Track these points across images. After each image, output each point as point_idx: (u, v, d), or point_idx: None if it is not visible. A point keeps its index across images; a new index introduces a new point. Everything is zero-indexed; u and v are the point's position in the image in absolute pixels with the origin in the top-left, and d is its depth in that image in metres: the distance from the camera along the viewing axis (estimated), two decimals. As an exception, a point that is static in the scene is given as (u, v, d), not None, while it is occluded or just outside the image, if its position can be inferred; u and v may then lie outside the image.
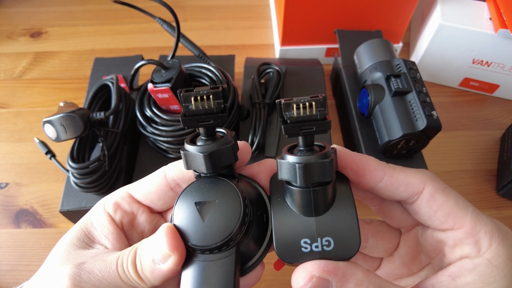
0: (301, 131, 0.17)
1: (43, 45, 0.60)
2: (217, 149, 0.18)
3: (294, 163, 0.17)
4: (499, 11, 0.45)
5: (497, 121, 0.50)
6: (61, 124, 0.35)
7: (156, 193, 0.22)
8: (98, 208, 0.22)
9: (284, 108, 0.17)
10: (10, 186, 0.46)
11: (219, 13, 0.65)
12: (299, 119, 0.17)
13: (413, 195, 0.20)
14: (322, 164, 0.17)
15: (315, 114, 0.17)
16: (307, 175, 0.17)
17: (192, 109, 0.18)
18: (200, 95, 0.18)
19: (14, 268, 0.40)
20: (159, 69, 0.38)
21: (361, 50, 0.45)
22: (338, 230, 0.18)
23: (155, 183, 0.22)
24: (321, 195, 0.18)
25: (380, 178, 0.20)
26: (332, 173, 0.17)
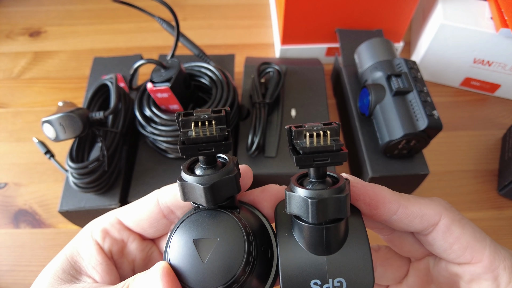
0: (315, 162, 0.16)
1: (42, 44, 0.60)
2: (219, 180, 0.17)
3: (306, 197, 0.16)
4: (500, 11, 0.45)
5: (498, 121, 0.50)
6: (60, 124, 0.34)
7: (148, 221, 0.20)
8: (85, 235, 0.20)
9: (295, 135, 0.16)
10: (9, 186, 0.45)
11: (218, 12, 0.64)
12: (312, 149, 0.15)
13: (428, 227, 0.19)
14: (337, 199, 0.16)
15: (330, 145, 0.15)
16: (320, 211, 0.16)
17: (192, 137, 0.16)
18: (201, 120, 0.16)
19: (13, 268, 0.40)
20: (158, 68, 0.38)
21: (362, 49, 0.44)
22: (351, 270, 0.17)
23: (147, 209, 0.20)
24: (334, 233, 0.17)
25: (394, 211, 0.19)
26: (348, 209, 0.16)
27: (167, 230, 0.21)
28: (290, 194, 0.16)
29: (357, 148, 0.41)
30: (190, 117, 0.16)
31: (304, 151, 0.16)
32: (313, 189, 0.16)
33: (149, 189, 0.38)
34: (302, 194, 0.16)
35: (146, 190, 0.39)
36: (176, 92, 0.37)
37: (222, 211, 0.18)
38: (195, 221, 0.18)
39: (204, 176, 0.17)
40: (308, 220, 0.16)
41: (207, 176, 0.17)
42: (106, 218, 0.21)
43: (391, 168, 0.38)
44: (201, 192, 0.17)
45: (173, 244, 0.17)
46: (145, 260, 0.22)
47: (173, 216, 0.20)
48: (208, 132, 0.16)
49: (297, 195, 0.16)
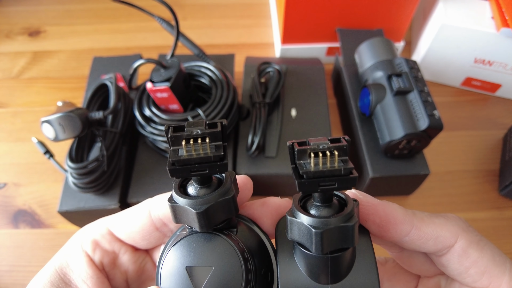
0: (320, 188, 0.14)
1: (42, 44, 0.60)
2: (214, 203, 0.15)
3: (309, 226, 0.14)
4: (501, 10, 0.45)
5: (499, 121, 0.50)
6: (60, 124, 0.34)
7: (140, 233, 0.19)
8: (74, 246, 0.19)
9: (297, 155, 0.14)
10: (8, 186, 0.45)
11: (218, 11, 0.64)
12: (317, 174, 0.13)
13: (442, 249, 0.18)
14: (344, 228, 0.14)
15: (338, 168, 0.13)
16: (325, 242, 0.14)
17: (183, 157, 0.14)
18: (193, 136, 0.14)
19: (12, 269, 0.40)
20: (158, 68, 0.37)
21: (362, 49, 0.44)
22: None
23: (139, 222, 0.19)
24: (339, 262, 0.15)
25: (406, 232, 0.17)
26: (356, 238, 0.14)
27: (160, 242, 0.20)
28: (291, 220, 0.15)
29: (358, 148, 0.41)
30: (181, 133, 0.14)
31: (308, 175, 0.14)
32: (317, 216, 0.14)
33: (148, 189, 0.38)
34: (305, 222, 0.14)
35: (145, 190, 0.38)
36: (176, 91, 0.37)
37: (217, 234, 0.16)
38: (188, 245, 0.16)
39: (197, 199, 0.15)
40: (312, 250, 0.14)
41: (200, 199, 0.15)
42: (96, 228, 0.20)
43: (391, 168, 0.38)
44: (194, 217, 0.15)
45: (165, 269, 0.16)
46: (138, 271, 0.21)
47: (166, 228, 0.19)
48: (202, 151, 0.14)
49: (299, 221, 0.14)
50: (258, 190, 0.42)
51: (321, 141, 0.14)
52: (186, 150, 0.14)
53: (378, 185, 0.39)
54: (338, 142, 0.14)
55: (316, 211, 0.15)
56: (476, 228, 0.19)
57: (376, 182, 0.39)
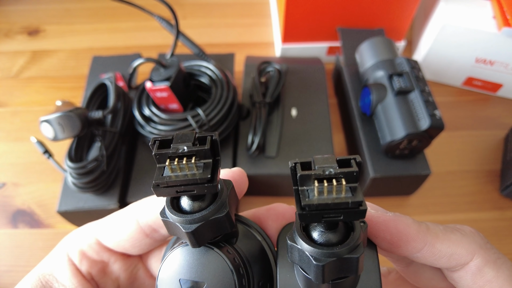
0: (324, 219, 0.12)
1: (41, 43, 0.60)
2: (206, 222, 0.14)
3: (310, 256, 0.13)
4: (502, 10, 0.45)
5: (501, 121, 0.50)
6: (59, 124, 0.34)
7: (129, 241, 0.19)
8: (59, 255, 0.19)
9: (300, 181, 0.12)
10: (7, 186, 0.45)
11: (218, 10, 0.64)
12: (321, 206, 0.12)
13: (456, 266, 0.17)
14: (349, 260, 0.13)
15: (346, 201, 0.12)
16: (326, 274, 0.13)
17: (167, 178, 0.13)
18: (179, 155, 0.13)
19: (11, 269, 0.39)
20: (157, 67, 0.37)
21: (363, 48, 0.44)
22: None
23: (127, 230, 0.18)
24: (341, 286, 0.14)
25: (418, 249, 0.16)
26: (360, 268, 0.13)
27: (153, 247, 0.20)
28: (292, 246, 0.13)
29: (358, 148, 0.41)
30: (166, 151, 0.13)
31: (310, 207, 0.12)
32: (320, 244, 0.13)
33: (148, 189, 0.38)
34: (306, 251, 0.13)
35: (145, 190, 0.38)
36: (176, 91, 0.36)
37: (211, 248, 0.15)
38: (182, 257, 0.15)
39: (188, 217, 0.14)
40: (312, 279, 0.13)
41: (190, 217, 0.14)
42: (83, 237, 0.19)
43: (392, 168, 0.38)
44: (184, 235, 0.14)
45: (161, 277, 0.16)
46: (131, 278, 0.21)
47: (157, 234, 0.19)
48: (188, 171, 0.13)
49: (300, 248, 0.13)
50: (258, 190, 0.42)
51: (328, 163, 0.12)
52: (171, 169, 0.13)
53: (379, 185, 0.39)
54: (347, 165, 0.12)
55: (319, 236, 0.14)
56: (477, 228, 0.19)
57: (377, 182, 0.39)
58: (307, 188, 0.12)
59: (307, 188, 0.12)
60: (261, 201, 0.44)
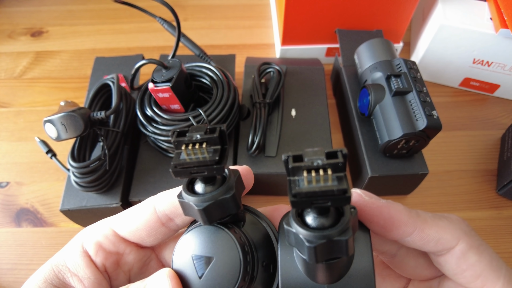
0: (313, 205, 0.14)
1: (44, 44, 0.60)
2: (215, 201, 0.16)
3: (303, 239, 0.14)
4: (499, 11, 0.45)
5: (498, 121, 0.50)
6: (62, 124, 0.35)
7: (145, 230, 0.19)
8: (74, 246, 0.19)
9: (291, 171, 0.14)
10: (10, 185, 0.46)
11: (219, 12, 0.65)
12: (309, 194, 0.13)
13: (443, 251, 0.18)
14: (338, 242, 0.14)
15: (331, 188, 0.13)
16: (319, 255, 0.14)
17: (183, 160, 0.15)
18: (193, 141, 0.15)
19: (14, 267, 0.40)
20: (159, 68, 0.38)
21: (362, 49, 0.45)
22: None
23: (144, 219, 0.19)
24: (334, 266, 0.16)
25: (409, 233, 0.18)
26: (350, 250, 0.15)
27: (166, 238, 0.21)
28: (288, 230, 0.15)
29: (357, 148, 0.42)
30: (183, 138, 0.16)
31: (300, 195, 0.13)
32: (312, 228, 0.14)
33: (150, 188, 0.39)
34: (300, 234, 0.14)
35: (147, 189, 0.39)
36: (177, 92, 0.37)
37: (221, 228, 0.17)
38: (195, 236, 0.17)
39: (200, 196, 0.16)
40: (308, 261, 0.15)
41: (202, 197, 0.16)
42: (99, 229, 0.20)
43: (390, 167, 0.39)
44: (197, 213, 0.16)
45: (176, 254, 0.18)
46: (142, 268, 0.21)
47: (172, 223, 0.20)
48: (200, 155, 0.15)
49: (295, 232, 0.15)
50: (258, 189, 0.43)
51: (317, 155, 0.14)
52: (186, 154, 0.15)
53: (377, 184, 0.40)
54: (334, 157, 0.14)
55: (312, 220, 0.15)
56: (474, 227, 0.19)
57: (375, 181, 0.39)
58: (298, 178, 0.14)
59: (298, 178, 0.14)
60: (261, 200, 0.44)
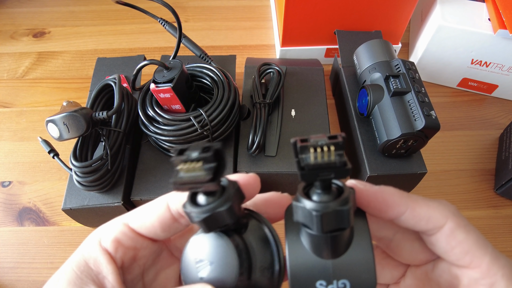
0: (319, 177, 0.16)
1: (46, 45, 0.61)
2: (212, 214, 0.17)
3: (310, 210, 0.16)
4: (498, 12, 0.46)
5: (496, 121, 0.51)
6: (64, 123, 0.35)
7: (160, 226, 0.20)
8: (93, 245, 0.20)
9: (299, 150, 0.16)
10: (13, 184, 0.46)
11: (220, 13, 0.65)
12: (316, 166, 0.16)
13: (433, 229, 0.20)
14: (340, 212, 0.16)
15: (334, 161, 0.16)
16: (324, 223, 0.16)
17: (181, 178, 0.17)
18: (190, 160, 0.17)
19: (17, 265, 0.40)
20: (161, 69, 0.38)
21: (361, 50, 0.45)
22: (355, 272, 0.18)
23: (158, 215, 0.20)
24: (338, 240, 0.18)
25: (402, 213, 0.20)
26: (351, 220, 0.17)
27: (178, 231, 0.22)
28: (296, 205, 0.17)
29: (356, 148, 0.42)
30: (181, 157, 0.17)
31: (308, 167, 0.16)
32: (318, 201, 0.16)
33: (151, 187, 0.39)
34: (307, 206, 0.16)
35: (148, 188, 0.39)
36: (178, 92, 0.37)
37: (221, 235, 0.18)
38: (198, 242, 0.19)
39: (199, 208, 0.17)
40: (313, 231, 0.17)
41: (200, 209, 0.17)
42: (116, 226, 0.20)
43: (389, 167, 0.39)
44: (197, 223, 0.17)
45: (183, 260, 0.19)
46: (155, 260, 0.22)
47: (184, 219, 0.21)
48: (195, 173, 0.16)
49: (302, 206, 0.17)
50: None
51: (320, 138, 0.16)
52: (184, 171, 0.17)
53: (376, 183, 0.40)
54: (335, 138, 0.16)
55: (317, 197, 0.17)
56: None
57: (374, 181, 0.40)
58: (305, 156, 0.16)
59: (305, 156, 0.16)
60: (261, 199, 0.44)
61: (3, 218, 0.44)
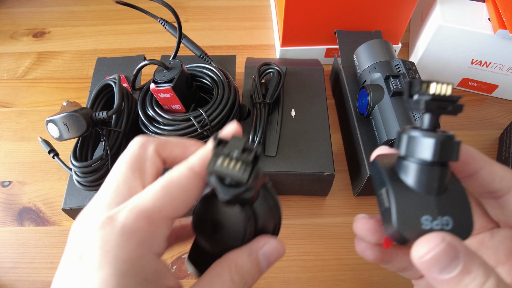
0: (438, 109, 0.18)
1: (46, 45, 0.61)
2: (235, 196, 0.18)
3: (431, 138, 0.18)
4: (498, 12, 0.46)
5: (496, 121, 0.51)
6: (64, 123, 0.35)
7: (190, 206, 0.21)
8: (144, 147, 0.20)
9: (418, 88, 0.18)
10: (13, 184, 0.46)
11: (220, 13, 0.65)
12: (439, 97, 0.18)
13: (504, 189, 0.20)
14: (456, 143, 0.18)
15: (452, 96, 0.18)
16: (442, 152, 0.18)
17: (218, 167, 0.18)
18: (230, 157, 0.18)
19: (16, 265, 0.40)
20: (161, 69, 0.38)
21: (361, 50, 0.45)
22: (455, 210, 0.18)
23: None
24: (443, 175, 0.18)
25: (481, 167, 0.20)
26: (459, 154, 0.18)
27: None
28: (412, 136, 0.18)
29: (356, 148, 0.42)
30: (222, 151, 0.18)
31: (434, 97, 0.18)
32: (436, 131, 0.18)
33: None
34: (427, 136, 0.18)
35: (148, 188, 0.39)
36: (178, 92, 0.37)
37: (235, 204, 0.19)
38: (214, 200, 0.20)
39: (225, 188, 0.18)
40: (429, 159, 0.18)
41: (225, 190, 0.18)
42: (151, 137, 0.21)
43: (389, 167, 0.39)
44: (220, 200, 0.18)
45: (196, 213, 0.20)
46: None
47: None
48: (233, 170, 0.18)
49: (418, 136, 0.18)
50: (259, 188, 0.43)
51: (438, 80, 0.18)
52: (221, 163, 0.18)
53: (376, 183, 0.40)
54: (449, 83, 0.18)
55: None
56: None
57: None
58: (424, 91, 0.18)
59: (424, 91, 0.18)
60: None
61: (3, 218, 0.44)
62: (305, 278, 0.39)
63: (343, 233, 0.42)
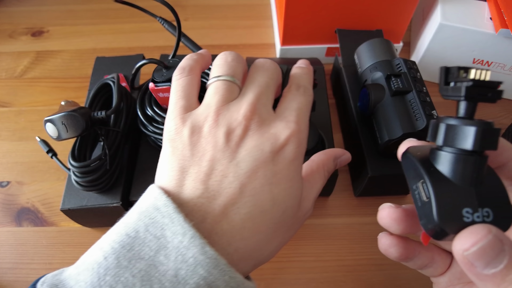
0: (478, 95, 0.17)
1: (45, 44, 0.60)
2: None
3: (472, 126, 0.17)
4: (499, 11, 0.45)
5: (497, 121, 0.50)
6: (63, 123, 0.35)
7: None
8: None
9: (456, 74, 0.18)
10: (11, 184, 0.46)
11: (220, 12, 0.65)
12: (479, 82, 0.17)
13: None
14: (496, 131, 0.17)
15: (493, 82, 0.17)
16: (483, 140, 0.17)
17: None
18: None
19: (15, 266, 0.40)
20: (160, 68, 0.38)
21: (362, 49, 0.45)
22: (494, 202, 0.18)
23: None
24: (482, 165, 0.18)
25: (511, 158, 0.20)
26: (498, 143, 0.18)
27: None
28: (451, 125, 0.18)
29: (357, 147, 0.42)
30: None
31: (474, 83, 0.17)
32: (475, 120, 0.18)
33: (150, 188, 0.39)
34: (467, 125, 0.17)
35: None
36: (178, 91, 0.37)
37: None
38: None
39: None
40: (470, 148, 0.17)
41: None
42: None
43: (390, 167, 0.39)
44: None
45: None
46: None
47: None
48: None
49: (459, 125, 0.18)
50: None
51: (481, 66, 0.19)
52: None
53: (377, 183, 0.40)
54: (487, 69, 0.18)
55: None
56: None
57: (375, 181, 0.39)
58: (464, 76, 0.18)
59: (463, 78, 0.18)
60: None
61: (1, 218, 0.43)
62: (305, 279, 0.39)
63: (344, 234, 0.41)
